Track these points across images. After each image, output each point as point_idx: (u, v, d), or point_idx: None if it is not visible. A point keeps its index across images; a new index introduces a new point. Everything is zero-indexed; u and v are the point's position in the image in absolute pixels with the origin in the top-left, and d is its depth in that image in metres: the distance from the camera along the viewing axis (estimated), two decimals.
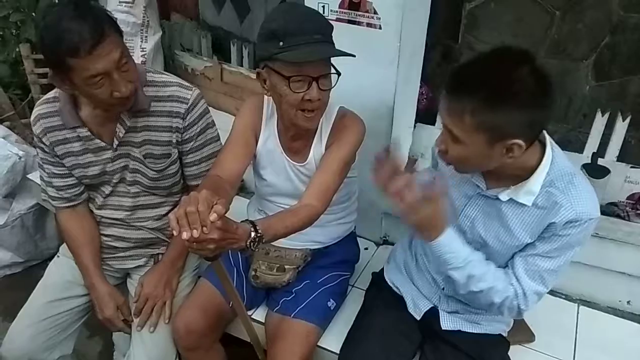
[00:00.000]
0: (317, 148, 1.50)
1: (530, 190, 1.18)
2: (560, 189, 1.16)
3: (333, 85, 1.36)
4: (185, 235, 1.01)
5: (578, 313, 1.77)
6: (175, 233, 1.03)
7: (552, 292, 1.83)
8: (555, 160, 1.18)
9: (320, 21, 1.33)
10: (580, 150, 1.87)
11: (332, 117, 1.50)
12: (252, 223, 1.18)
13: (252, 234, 1.16)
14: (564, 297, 1.83)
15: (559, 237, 1.17)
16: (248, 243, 1.15)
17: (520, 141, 1.06)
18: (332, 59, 1.34)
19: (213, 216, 1.02)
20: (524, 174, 1.18)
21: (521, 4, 1.86)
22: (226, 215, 1.11)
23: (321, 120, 1.48)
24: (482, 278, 1.23)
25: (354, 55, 1.32)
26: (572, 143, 1.90)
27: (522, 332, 1.62)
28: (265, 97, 1.48)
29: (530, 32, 1.87)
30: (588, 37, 1.82)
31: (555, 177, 1.17)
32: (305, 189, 1.42)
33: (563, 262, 1.21)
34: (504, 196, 1.21)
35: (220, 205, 1.05)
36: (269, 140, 1.54)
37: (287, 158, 1.54)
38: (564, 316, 1.75)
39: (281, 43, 1.27)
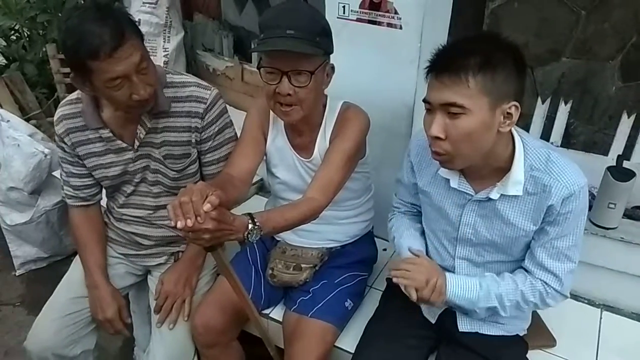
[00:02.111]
0: (321, 143, 1.51)
1: (517, 180, 1.20)
2: (542, 170, 1.19)
3: (308, 83, 1.34)
4: (179, 224, 1.04)
5: (601, 318, 1.73)
6: (172, 223, 1.05)
7: (574, 297, 1.80)
8: (526, 143, 1.21)
9: (300, 17, 1.33)
10: (605, 152, 1.83)
11: (336, 112, 1.50)
12: (250, 215, 1.20)
13: (250, 226, 1.17)
14: (586, 302, 1.80)
15: (564, 215, 1.20)
16: (245, 234, 1.17)
17: (517, 103, 1.11)
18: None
19: (206, 206, 1.05)
20: (505, 166, 1.21)
21: (546, 3, 1.83)
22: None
23: (325, 115, 1.50)
24: (508, 291, 1.27)
25: (316, 54, 1.32)
26: (597, 145, 1.87)
27: (543, 337, 1.59)
28: None
29: (555, 32, 1.84)
30: (614, 37, 1.78)
31: (533, 159, 1.20)
32: (309, 183, 1.43)
33: (579, 234, 1.24)
34: (494, 194, 1.23)
35: (215, 196, 1.07)
36: (278, 138, 1.56)
37: (296, 154, 1.55)
38: (586, 321, 1.71)
39: (262, 35, 1.33)
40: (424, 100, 1.17)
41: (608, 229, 1.70)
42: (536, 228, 1.24)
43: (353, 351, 1.48)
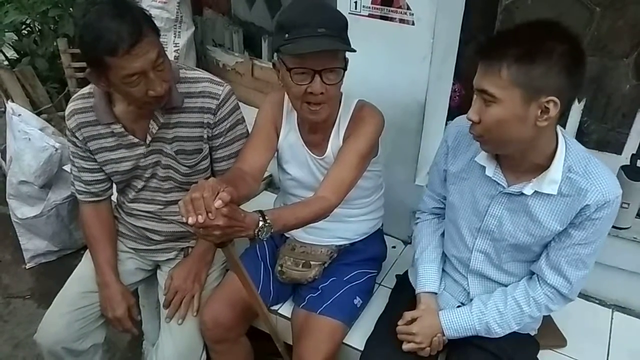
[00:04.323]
0: (334, 141, 1.50)
1: (553, 179, 1.19)
2: (580, 173, 1.18)
3: (339, 80, 1.34)
4: (190, 220, 1.04)
5: (612, 319, 1.72)
6: (183, 219, 1.05)
7: (585, 297, 1.79)
8: (569, 145, 1.20)
9: (327, 15, 1.32)
10: (618, 151, 1.81)
11: (351, 110, 1.49)
12: (262, 212, 1.19)
13: (260, 223, 1.17)
14: (598, 302, 1.78)
15: (593, 222, 1.19)
16: (256, 232, 1.17)
17: (556, 99, 1.06)
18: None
19: (217, 203, 1.05)
20: (544, 163, 1.19)
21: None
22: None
23: (339, 113, 1.49)
24: (514, 316, 1.31)
25: (354, 50, 1.32)
26: (610, 144, 1.85)
27: (554, 337, 1.58)
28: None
29: (569, 29, 1.82)
30: (629, 34, 1.76)
31: (573, 162, 1.19)
32: (321, 181, 1.43)
33: (600, 243, 1.24)
34: (528, 190, 1.22)
35: (227, 193, 1.07)
36: (290, 134, 1.55)
37: (308, 151, 1.54)
38: (597, 321, 1.70)
39: (287, 35, 1.29)
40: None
41: (621, 228, 1.68)
42: (562, 229, 1.23)
43: (362, 348, 1.48)
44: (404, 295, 1.56)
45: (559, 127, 1.20)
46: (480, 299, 1.36)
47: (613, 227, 1.66)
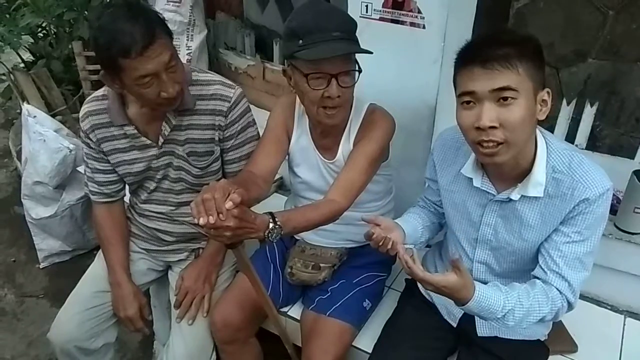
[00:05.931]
0: (345, 145, 1.50)
1: (537, 182, 1.18)
2: (565, 172, 1.17)
3: (354, 82, 1.36)
4: (202, 221, 1.05)
5: (624, 325, 1.70)
6: (195, 220, 1.06)
7: (597, 303, 1.77)
8: (550, 145, 1.20)
9: (339, 18, 1.33)
10: (631, 155, 1.80)
11: (362, 114, 1.50)
12: (272, 214, 1.20)
13: (270, 225, 1.18)
14: (610, 307, 1.77)
15: (583, 216, 1.16)
16: (266, 233, 1.17)
17: (549, 90, 1.12)
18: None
19: (228, 204, 1.06)
20: (528, 166, 1.19)
21: (572, 3, 1.79)
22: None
23: (350, 116, 1.49)
24: (529, 313, 1.18)
25: (371, 52, 1.33)
26: (623, 148, 1.83)
27: (564, 342, 1.57)
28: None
29: (581, 33, 1.81)
30: None
31: (556, 161, 1.18)
32: (331, 184, 1.43)
33: (596, 241, 1.20)
34: (515, 195, 1.21)
35: (238, 194, 1.08)
36: (302, 138, 1.56)
37: (319, 155, 1.55)
38: (609, 327, 1.68)
39: (300, 41, 1.30)
40: (464, 93, 1.13)
41: (633, 234, 1.66)
42: (557, 229, 1.21)
43: (370, 351, 1.48)
44: (413, 299, 1.55)
45: (538, 127, 1.19)
46: (503, 287, 1.21)
47: (625, 232, 1.66)
